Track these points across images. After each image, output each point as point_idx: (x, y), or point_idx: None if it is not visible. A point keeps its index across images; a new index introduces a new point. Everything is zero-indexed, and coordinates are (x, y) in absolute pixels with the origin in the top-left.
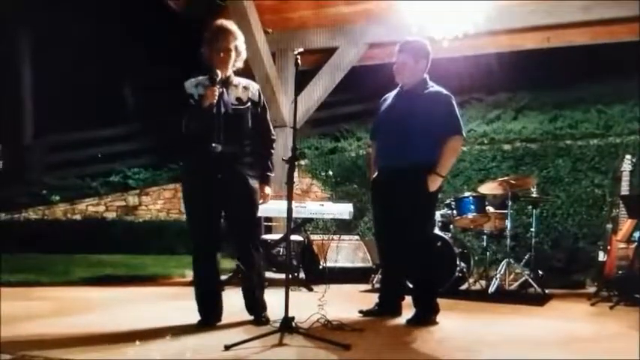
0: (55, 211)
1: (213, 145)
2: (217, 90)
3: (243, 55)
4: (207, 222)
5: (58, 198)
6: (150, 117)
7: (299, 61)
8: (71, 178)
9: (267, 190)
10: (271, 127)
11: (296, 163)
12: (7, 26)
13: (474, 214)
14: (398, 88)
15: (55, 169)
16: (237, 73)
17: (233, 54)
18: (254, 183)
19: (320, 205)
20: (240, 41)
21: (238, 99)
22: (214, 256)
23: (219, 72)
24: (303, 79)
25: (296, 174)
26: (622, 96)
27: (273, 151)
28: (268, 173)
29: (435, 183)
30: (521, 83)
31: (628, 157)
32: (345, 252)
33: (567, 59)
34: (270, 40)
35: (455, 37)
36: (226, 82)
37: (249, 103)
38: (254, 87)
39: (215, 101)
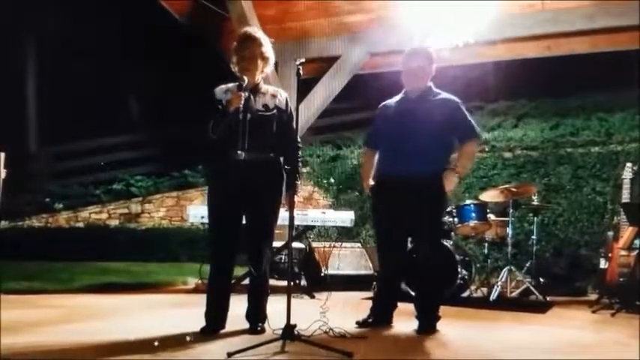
0: (59, 219)
1: (238, 152)
2: (243, 95)
3: (271, 60)
4: (226, 230)
5: (61, 206)
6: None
7: (301, 71)
8: (74, 186)
9: (294, 198)
10: (297, 136)
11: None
12: (12, 33)
13: (476, 221)
14: (402, 95)
15: (59, 177)
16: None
17: (259, 61)
18: (277, 191)
19: (322, 213)
20: (265, 47)
21: (265, 105)
22: (230, 266)
23: (246, 79)
24: (304, 87)
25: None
26: (623, 104)
27: (299, 159)
28: (294, 181)
29: (450, 180)
30: (521, 91)
31: (629, 164)
32: (347, 259)
33: (568, 67)
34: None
35: (456, 46)
36: (255, 90)
37: (275, 110)
38: (282, 94)
39: (241, 107)
